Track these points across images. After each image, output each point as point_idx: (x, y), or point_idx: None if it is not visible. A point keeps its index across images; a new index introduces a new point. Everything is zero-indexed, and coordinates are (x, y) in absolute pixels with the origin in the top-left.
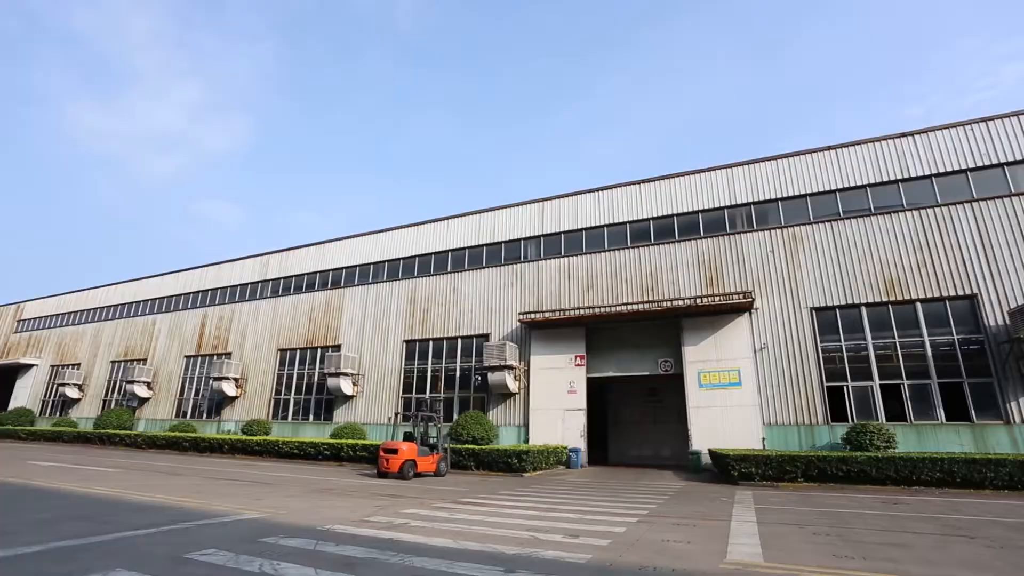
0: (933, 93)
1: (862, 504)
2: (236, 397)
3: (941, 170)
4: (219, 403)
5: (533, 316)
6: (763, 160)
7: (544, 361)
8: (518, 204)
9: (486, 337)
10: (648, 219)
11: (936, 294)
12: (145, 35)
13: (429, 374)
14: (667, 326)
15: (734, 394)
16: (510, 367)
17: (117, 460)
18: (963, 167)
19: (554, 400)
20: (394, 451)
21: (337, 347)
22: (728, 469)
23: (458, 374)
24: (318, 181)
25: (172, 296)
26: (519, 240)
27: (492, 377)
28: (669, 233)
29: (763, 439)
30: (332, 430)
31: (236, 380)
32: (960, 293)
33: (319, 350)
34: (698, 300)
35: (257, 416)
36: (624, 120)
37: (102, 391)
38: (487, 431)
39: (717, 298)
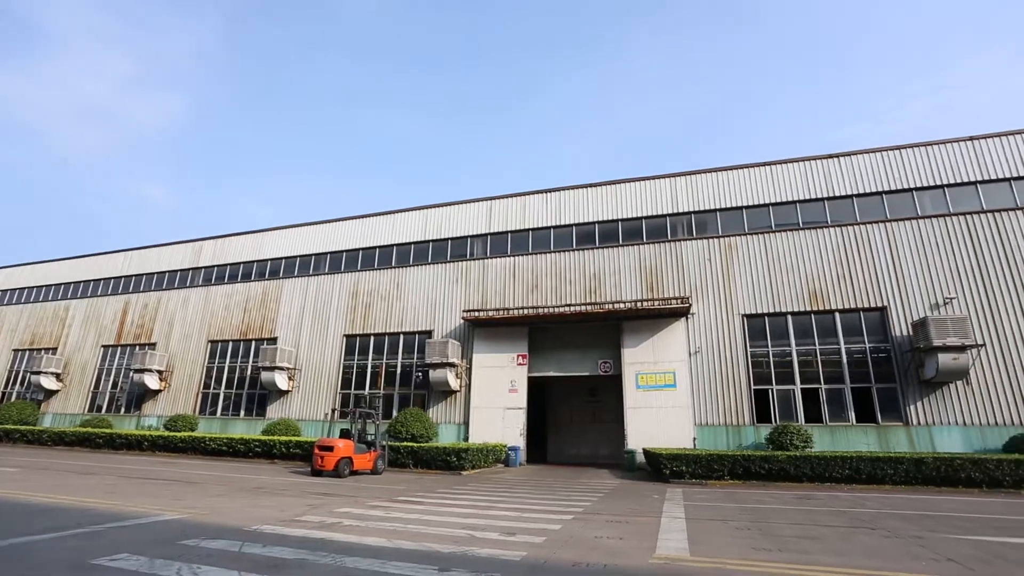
0: (857, 120)
1: (781, 500)
2: (159, 391)
3: (861, 191)
4: (140, 397)
5: (477, 314)
6: (704, 172)
7: (486, 359)
8: (467, 201)
9: (429, 334)
10: (594, 223)
11: (852, 305)
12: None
13: (369, 370)
14: (608, 328)
15: (669, 395)
16: (452, 365)
17: (17, 459)
18: (879, 189)
19: (495, 398)
20: (329, 448)
21: (273, 340)
22: (661, 467)
23: (399, 370)
24: (266, 171)
25: (90, 280)
26: (466, 237)
27: (434, 374)
28: (613, 237)
29: (694, 439)
30: (265, 426)
31: (160, 372)
32: (873, 305)
33: (254, 343)
34: (639, 304)
35: (183, 411)
36: (600, 117)
37: (1, 382)
38: (427, 429)
39: (657, 302)
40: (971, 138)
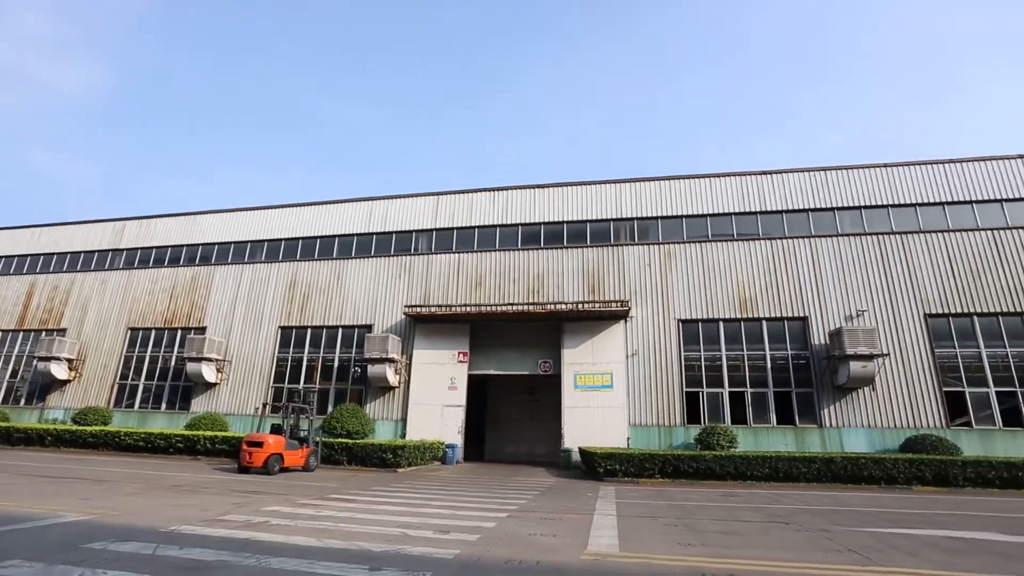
0: (788, 142)
1: (706, 497)
2: (68, 381)
3: (789, 207)
4: (45, 388)
5: (419, 310)
6: (648, 180)
7: (427, 356)
8: (413, 195)
9: (369, 328)
10: (540, 223)
11: (778, 314)
12: None
13: (305, 363)
14: (549, 328)
15: (606, 396)
16: (391, 360)
17: None
18: (806, 207)
19: (434, 395)
20: (259, 444)
21: (202, 329)
22: (595, 466)
23: (336, 364)
24: (200, 154)
25: None
26: (411, 232)
27: (372, 369)
28: (558, 239)
29: (628, 438)
30: (188, 420)
31: (70, 361)
32: (796, 315)
33: (180, 331)
34: (580, 305)
35: (95, 403)
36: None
37: None
38: (363, 425)
39: (597, 305)
40: (885, 165)
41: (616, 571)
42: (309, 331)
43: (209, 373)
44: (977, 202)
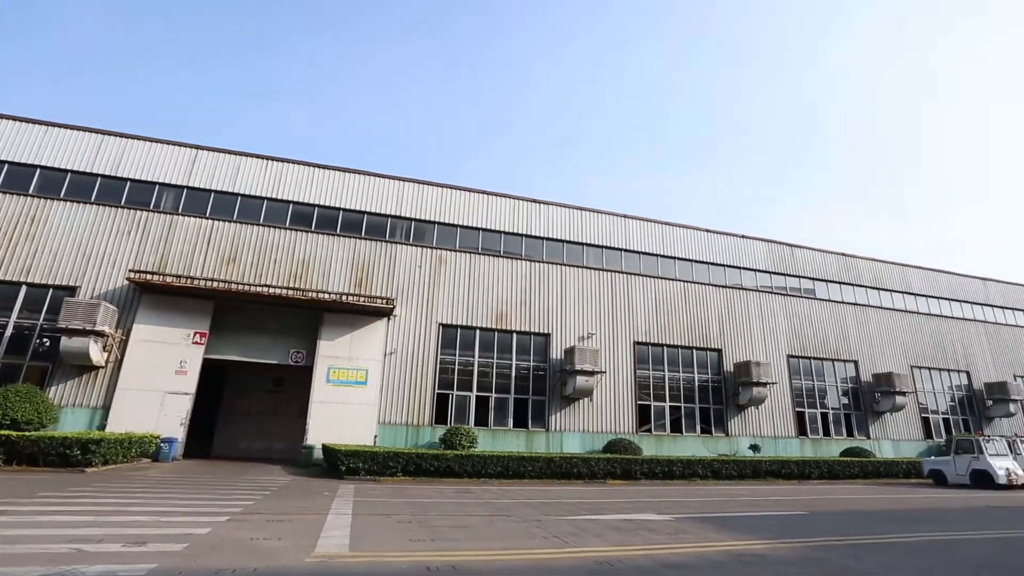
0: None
1: (443, 494)
2: None
3: (550, 236)
4: None
5: (151, 277)
6: (431, 184)
7: (152, 332)
8: (164, 142)
9: (72, 291)
10: (314, 205)
11: (528, 329)
12: None
13: None
14: (307, 317)
15: (358, 392)
16: (100, 333)
17: None
18: (563, 238)
19: (155, 380)
20: None
21: None
22: (338, 464)
23: (10, 333)
24: None
25: None
26: (154, 184)
27: (68, 343)
28: (331, 225)
29: (376, 436)
30: None
31: None
32: (541, 331)
33: None
34: (345, 297)
35: None
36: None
37: None
38: (40, 413)
39: (363, 299)
40: (625, 216)
41: (342, 572)
42: None
43: None
44: (678, 259)
